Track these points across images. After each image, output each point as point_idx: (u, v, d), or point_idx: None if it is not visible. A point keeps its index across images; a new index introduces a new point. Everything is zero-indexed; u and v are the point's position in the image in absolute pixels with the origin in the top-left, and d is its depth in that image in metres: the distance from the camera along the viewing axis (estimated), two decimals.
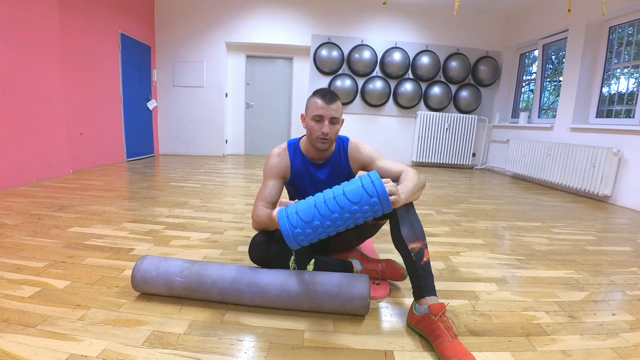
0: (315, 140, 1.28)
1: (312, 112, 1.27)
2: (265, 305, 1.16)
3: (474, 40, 5.36)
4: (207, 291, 1.15)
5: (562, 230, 2.34)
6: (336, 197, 1.00)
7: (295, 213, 1.00)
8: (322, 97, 1.26)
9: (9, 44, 2.68)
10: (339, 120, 1.29)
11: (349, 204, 0.98)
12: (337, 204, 0.99)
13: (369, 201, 0.97)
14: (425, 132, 5.47)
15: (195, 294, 1.17)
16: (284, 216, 1.01)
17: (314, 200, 1.03)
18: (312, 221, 0.99)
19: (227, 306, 1.19)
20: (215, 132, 5.54)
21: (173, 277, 1.16)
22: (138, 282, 1.18)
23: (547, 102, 4.77)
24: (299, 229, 0.99)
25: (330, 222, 0.99)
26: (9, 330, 1.00)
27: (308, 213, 0.99)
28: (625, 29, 3.57)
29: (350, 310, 1.12)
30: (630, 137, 3.22)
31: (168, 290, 1.18)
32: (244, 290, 1.14)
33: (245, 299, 1.15)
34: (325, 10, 5.21)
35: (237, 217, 2.27)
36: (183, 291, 1.17)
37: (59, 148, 3.30)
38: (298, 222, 0.99)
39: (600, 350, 1.03)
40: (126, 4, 4.47)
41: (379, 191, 0.97)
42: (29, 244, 1.65)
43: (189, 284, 1.16)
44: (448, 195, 3.35)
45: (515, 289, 1.43)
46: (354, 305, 1.11)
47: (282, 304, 1.14)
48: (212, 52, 5.29)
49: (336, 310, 1.14)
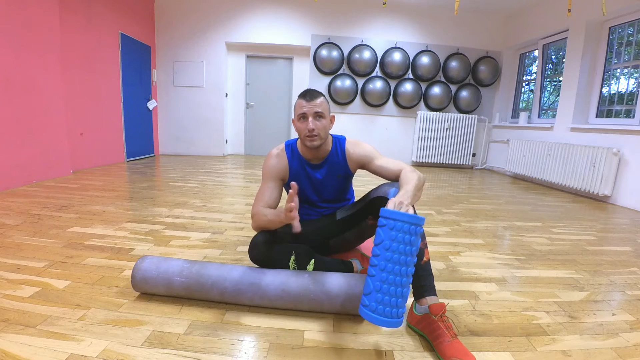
0: (304, 139, 1.29)
1: (296, 112, 1.29)
2: (265, 305, 1.16)
3: (474, 40, 5.36)
4: (207, 291, 1.15)
5: (562, 230, 2.34)
6: (387, 259, 0.91)
7: (375, 303, 0.91)
8: (303, 96, 1.27)
9: (9, 44, 2.68)
10: (324, 115, 1.27)
11: (397, 251, 0.90)
12: (391, 260, 0.91)
13: (404, 229, 0.91)
14: (425, 132, 5.47)
15: (195, 294, 1.17)
16: (370, 313, 0.91)
17: (376, 280, 0.92)
18: (391, 289, 0.90)
19: (227, 306, 1.18)
20: (215, 132, 5.54)
21: (173, 277, 1.16)
22: (138, 281, 1.17)
23: (547, 102, 4.77)
24: (390, 308, 0.90)
25: (399, 275, 0.91)
26: (9, 330, 0.99)
27: (386, 292, 0.90)
28: (625, 29, 3.57)
29: (350, 310, 1.12)
30: (630, 137, 3.22)
31: (168, 290, 1.17)
32: (244, 289, 1.14)
33: (245, 299, 1.15)
34: (325, 10, 5.21)
35: (237, 217, 2.27)
36: (183, 291, 1.17)
37: (59, 148, 3.30)
38: (387, 309, 0.90)
39: (600, 350, 1.03)
40: (126, 4, 4.47)
41: (401, 218, 0.91)
42: (29, 244, 1.65)
43: (189, 283, 1.16)
44: (448, 195, 3.35)
45: (515, 289, 1.43)
46: (355, 305, 1.10)
47: (282, 303, 1.14)
48: (212, 52, 5.29)
49: (336, 310, 1.14)
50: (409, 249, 0.90)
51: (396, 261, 0.89)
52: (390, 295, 0.89)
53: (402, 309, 0.91)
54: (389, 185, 1.26)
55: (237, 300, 1.16)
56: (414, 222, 0.90)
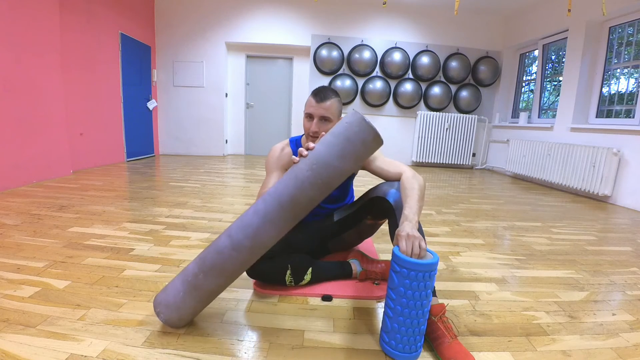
0: (307, 137, 1.31)
1: (305, 109, 1.30)
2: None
3: (474, 40, 5.36)
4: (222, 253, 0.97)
5: (562, 230, 2.34)
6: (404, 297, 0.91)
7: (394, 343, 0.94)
8: (315, 96, 1.27)
9: (9, 44, 2.68)
10: (331, 119, 1.27)
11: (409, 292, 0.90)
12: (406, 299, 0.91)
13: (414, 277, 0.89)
14: (425, 132, 5.47)
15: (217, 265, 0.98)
16: (392, 350, 0.95)
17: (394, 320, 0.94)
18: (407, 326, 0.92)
19: (227, 306, 1.19)
20: (215, 132, 5.54)
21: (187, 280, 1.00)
22: (171, 316, 1.00)
23: (547, 102, 4.77)
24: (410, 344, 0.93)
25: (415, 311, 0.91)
26: (9, 330, 1.00)
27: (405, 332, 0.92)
28: (625, 29, 3.57)
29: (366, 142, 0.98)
30: (630, 137, 3.22)
31: (192, 290, 0.99)
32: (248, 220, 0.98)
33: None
34: (325, 10, 5.21)
35: (237, 217, 2.26)
36: (201, 273, 0.98)
37: (59, 148, 3.30)
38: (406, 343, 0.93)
39: (600, 350, 1.03)
40: (126, 4, 4.47)
41: (415, 267, 0.88)
42: (29, 244, 1.65)
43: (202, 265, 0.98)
44: (448, 195, 3.35)
45: (515, 289, 1.43)
46: (365, 136, 0.97)
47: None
48: (212, 52, 5.29)
49: (346, 155, 0.96)
50: (424, 294, 0.90)
51: (412, 306, 0.90)
52: (409, 334, 0.93)
53: (420, 342, 0.95)
54: (389, 185, 1.26)
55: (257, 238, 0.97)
56: (429, 269, 0.89)
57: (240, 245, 0.97)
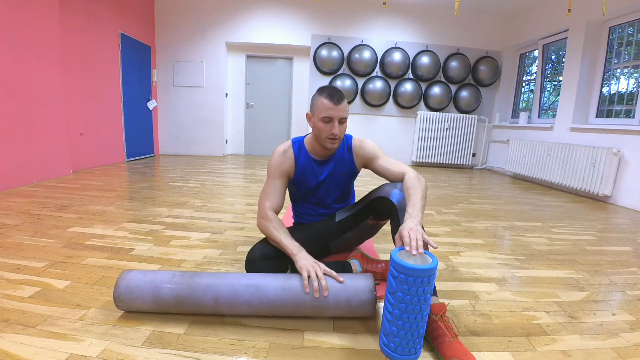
0: (325, 140, 1.27)
1: (321, 113, 1.23)
2: (264, 313, 1.09)
3: (474, 40, 5.36)
4: (199, 297, 1.05)
5: (562, 230, 2.34)
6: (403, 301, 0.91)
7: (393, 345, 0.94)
8: (330, 98, 1.22)
9: (9, 44, 2.68)
10: (346, 120, 1.28)
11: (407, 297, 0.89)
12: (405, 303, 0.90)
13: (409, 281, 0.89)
14: (425, 132, 5.47)
15: (187, 302, 1.06)
16: (391, 353, 0.95)
17: (394, 324, 0.94)
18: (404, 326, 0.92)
19: None
20: (215, 132, 5.54)
21: (162, 284, 1.06)
22: (122, 292, 1.06)
23: (547, 102, 4.77)
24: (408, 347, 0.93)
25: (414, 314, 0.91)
26: (9, 330, 1.00)
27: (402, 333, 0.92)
28: (625, 29, 3.57)
29: (356, 307, 1.07)
30: (630, 137, 3.22)
31: (155, 302, 1.06)
32: (241, 292, 1.06)
33: (242, 302, 1.06)
34: (325, 10, 5.21)
35: (237, 217, 2.27)
36: (172, 299, 1.06)
37: (59, 148, 3.30)
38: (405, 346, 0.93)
39: (600, 350, 1.03)
40: (126, 4, 4.47)
41: (413, 273, 0.87)
42: (29, 244, 1.65)
43: (180, 290, 1.06)
44: (448, 195, 3.35)
45: (515, 289, 1.43)
46: (360, 300, 1.06)
47: (283, 304, 1.07)
48: (212, 52, 5.29)
49: (341, 306, 1.07)
50: (422, 298, 0.89)
51: (411, 310, 0.90)
52: (408, 338, 0.92)
53: (420, 344, 0.95)
54: (392, 185, 1.26)
55: (233, 306, 1.07)
56: (427, 274, 0.88)
57: (220, 309, 1.08)
